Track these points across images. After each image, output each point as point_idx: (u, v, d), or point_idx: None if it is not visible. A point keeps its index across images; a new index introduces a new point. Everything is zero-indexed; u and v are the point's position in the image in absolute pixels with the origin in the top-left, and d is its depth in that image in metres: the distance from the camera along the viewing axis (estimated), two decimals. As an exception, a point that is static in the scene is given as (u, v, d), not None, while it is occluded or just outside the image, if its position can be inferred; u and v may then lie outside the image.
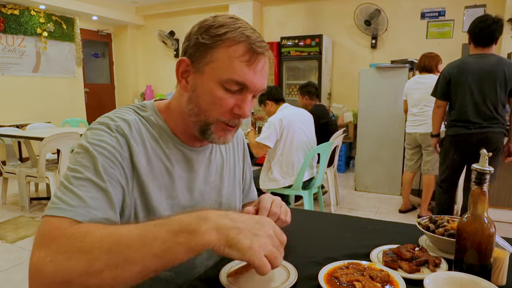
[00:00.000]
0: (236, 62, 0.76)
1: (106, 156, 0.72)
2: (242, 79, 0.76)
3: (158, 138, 0.84)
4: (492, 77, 2.49)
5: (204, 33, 0.77)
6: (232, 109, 0.79)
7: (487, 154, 0.73)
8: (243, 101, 0.79)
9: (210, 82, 0.77)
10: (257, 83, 0.79)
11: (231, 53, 0.76)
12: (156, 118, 0.85)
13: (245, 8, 6.03)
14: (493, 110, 2.52)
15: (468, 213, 0.74)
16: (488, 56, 2.53)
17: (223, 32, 0.76)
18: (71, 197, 0.65)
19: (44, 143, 3.24)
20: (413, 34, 5.20)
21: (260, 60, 0.78)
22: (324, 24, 5.76)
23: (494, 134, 2.54)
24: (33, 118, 5.46)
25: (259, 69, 0.78)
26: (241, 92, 0.79)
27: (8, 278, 2.44)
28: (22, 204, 3.68)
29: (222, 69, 0.76)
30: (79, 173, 0.68)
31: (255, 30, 0.80)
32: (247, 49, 0.76)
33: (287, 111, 2.98)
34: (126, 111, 0.83)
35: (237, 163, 1.04)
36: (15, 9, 5.37)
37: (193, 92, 0.80)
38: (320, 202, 3.51)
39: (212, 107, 0.79)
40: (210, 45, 0.76)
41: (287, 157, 2.91)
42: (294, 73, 5.71)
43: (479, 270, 0.72)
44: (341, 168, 5.32)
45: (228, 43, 0.76)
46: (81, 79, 6.52)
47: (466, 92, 2.58)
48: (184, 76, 0.81)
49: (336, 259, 0.84)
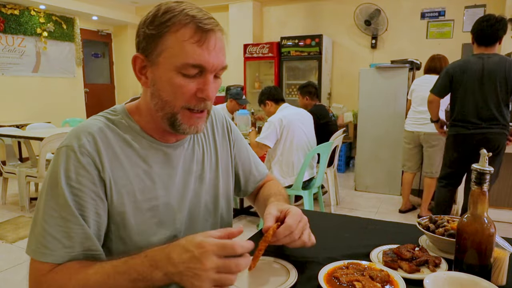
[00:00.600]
0: (187, 45, 0.74)
1: (76, 188, 0.74)
2: (197, 61, 0.75)
3: (131, 141, 0.83)
4: (493, 77, 2.48)
5: (149, 24, 0.76)
6: (195, 93, 0.78)
7: (487, 154, 0.73)
8: (205, 83, 0.77)
9: (167, 71, 0.76)
10: (214, 62, 0.77)
11: (179, 37, 0.74)
12: (127, 120, 0.84)
13: (245, 8, 6.03)
14: (495, 110, 2.51)
15: (468, 213, 0.74)
16: (491, 56, 2.51)
17: (168, 18, 0.75)
18: (50, 240, 0.72)
19: (44, 143, 3.24)
20: (413, 34, 5.20)
21: (211, 38, 0.76)
22: (324, 24, 5.76)
23: (494, 135, 2.53)
24: (33, 118, 5.46)
25: (212, 47, 0.76)
26: (201, 74, 0.77)
27: (8, 278, 2.44)
28: (22, 204, 3.68)
29: (175, 56, 0.75)
30: (54, 212, 0.73)
31: (201, 8, 0.78)
32: (195, 30, 0.74)
33: (287, 111, 2.98)
34: (94, 122, 0.82)
35: (220, 149, 1.01)
36: (15, 9, 5.37)
37: (153, 86, 0.79)
38: (320, 202, 3.51)
39: (174, 96, 0.77)
40: (158, 35, 0.75)
41: (287, 157, 2.91)
42: (294, 73, 5.71)
43: (479, 270, 0.72)
44: (341, 168, 5.32)
45: (174, 28, 0.74)
46: (81, 79, 6.51)
47: (467, 92, 2.57)
48: (142, 73, 0.80)
49: (336, 259, 0.84)
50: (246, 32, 6.03)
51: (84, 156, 0.76)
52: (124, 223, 0.80)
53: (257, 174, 1.12)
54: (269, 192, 1.06)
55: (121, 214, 0.80)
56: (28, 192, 3.69)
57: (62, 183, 0.73)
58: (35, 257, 0.73)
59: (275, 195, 1.02)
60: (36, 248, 0.73)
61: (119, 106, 0.88)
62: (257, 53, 5.72)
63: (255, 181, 1.12)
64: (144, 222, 0.82)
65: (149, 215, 0.83)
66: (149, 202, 0.83)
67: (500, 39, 2.51)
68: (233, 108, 3.96)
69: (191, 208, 0.92)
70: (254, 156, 1.13)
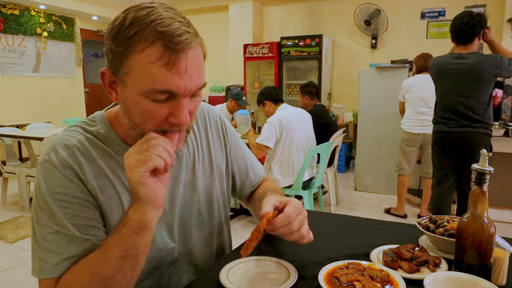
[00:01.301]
0: (154, 68, 0.64)
1: (62, 200, 0.73)
2: (166, 86, 0.65)
3: (111, 152, 0.79)
4: (469, 79, 2.45)
5: (114, 38, 0.67)
6: (167, 118, 0.69)
7: (487, 154, 0.73)
8: (177, 109, 0.68)
9: (134, 94, 0.68)
10: (186, 85, 0.67)
11: (145, 60, 0.64)
12: (106, 130, 0.80)
13: (245, 8, 6.03)
14: (471, 111, 2.47)
15: (468, 213, 0.74)
16: (467, 57, 2.47)
17: (133, 33, 0.64)
18: (52, 256, 0.71)
19: (44, 143, 3.24)
20: (413, 34, 5.20)
21: (182, 59, 0.65)
22: (324, 24, 5.76)
23: (476, 135, 2.48)
24: (33, 118, 5.45)
25: (183, 70, 0.65)
26: (173, 98, 0.68)
27: (8, 278, 2.44)
28: (22, 204, 3.68)
29: (141, 79, 0.66)
30: (48, 228, 0.72)
31: (176, 17, 0.67)
32: (162, 50, 0.64)
33: (286, 111, 2.98)
34: (70, 133, 0.79)
35: (214, 152, 0.97)
36: (15, 9, 5.37)
37: (123, 104, 0.73)
38: (320, 202, 3.51)
39: (143, 120, 0.70)
40: (123, 53, 0.66)
41: (287, 157, 2.91)
42: (294, 73, 5.71)
43: (479, 270, 0.72)
44: (341, 168, 5.32)
45: (140, 47, 0.64)
46: (81, 79, 6.52)
47: (444, 92, 2.59)
48: (113, 88, 0.73)
49: (336, 259, 0.84)
50: (246, 32, 6.03)
51: (66, 169, 0.74)
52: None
53: (253, 178, 1.08)
54: (264, 190, 1.04)
55: (110, 225, 0.78)
56: (28, 192, 3.69)
57: (48, 199, 0.72)
58: (40, 276, 0.72)
59: (271, 191, 0.99)
60: (39, 267, 0.72)
61: (99, 114, 0.84)
62: (257, 53, 5.72)
63: (251, 184, 1.09)
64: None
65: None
66: None
67: (477, 34, 2.46)
68: (232, 108, 3.96)
69: (183, 217, 0.89)
70: (251, 158, 1.10)
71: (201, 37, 0.70)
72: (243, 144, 1.09)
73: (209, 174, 0.95)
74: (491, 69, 2.41)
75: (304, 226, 0.80)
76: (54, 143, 0.77)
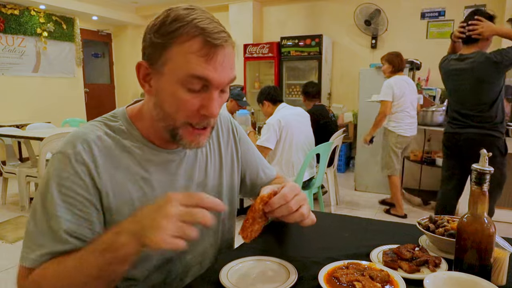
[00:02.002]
0: (193, 58, 0.70)
1: (66, 195, 0.73)
2: (202, 74, 0.71)
3: (130, 148, 0.81)
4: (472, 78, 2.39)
5: (156, 32, 0.72)
6: (199, 110, 0.74)
7: (487, 154, 0.73)
8: (209, 100, 0.73)
9: (170, 83, 0.73)
10: (220, 78, 0.72)
11: (186, 49, 0.70)
12: (127, 126, 0.82)
13: (245, 8, 6.03)
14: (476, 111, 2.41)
15: (468, 213, 0.74)
16: (470, 56, 2.39)
17: (176, 28, 0.70)
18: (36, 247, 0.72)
19: (44, 143, 3.24)
20: (413, 34, 5.20)
21: (219, 53, 0.71)
22: (324, 24, 5.76)
23: (478, 136, 2.40)
24: (33, 118, 5.45)
25: (220, 63, 0.72)
26: (206, 90, 0.73)
27: (8, 278, 2.44)
28: (22, 204, 3.68)
29: (180, 67, 0.71)
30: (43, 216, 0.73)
31: (213, 19, 0.74)
32: (203, 44, 0.70)
33: (284, 112, 2.98)
34: (92, 128, 0.80)
35: (225, 156, 0.99)
36: (15, 9, 5.37)
37: (157, 96, 0.76)
38: (320, 202, 3.51)
39: (176, 110, 0.74)
40: (164, 44, 0.71)
41: (287, 157, 2.91)
42: (294, 73, 5.71)
43: (479, 270, 0.72)
44: (341, 168, 5.32)
45: (181, 40, 0.70)
46: (81, 79, 6.52)
47: (451, 92, 2.57)
48: (146, 80, 0.77)
49: (336, 259, 0.84)
50: (246, 32, 6.03)
51: (79, 164, 0.75)
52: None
53: (264, 178, 1.10)
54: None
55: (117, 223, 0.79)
56: (28, 192, 3.70)
57: (53, 189, 0.73)
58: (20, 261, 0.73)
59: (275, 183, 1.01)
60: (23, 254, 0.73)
61: (120, 110, 0.86)
62: (257, 53, 5.72)
63: (262, 184, 1.09)
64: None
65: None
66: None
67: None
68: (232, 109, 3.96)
69: None
70: (261, 159, 1.12)
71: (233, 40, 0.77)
72: (253, 146, 1.11)
73: (219, 175, 0.98)
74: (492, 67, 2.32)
75: (304, 206, 0.79)
76: (74, 137, 0.78)
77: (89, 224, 0.75)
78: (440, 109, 3.80)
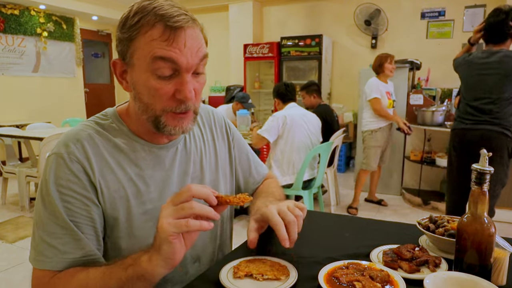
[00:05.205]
0: (156, 43, 0.72)
1: (66, 194, 0.75)
2: (165, 55, 0.71)
3: (121, 146, 0.82)
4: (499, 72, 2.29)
5: (122, 27, 0.75)
6: (174, 95, 0.75)
7: (487, 154, 0.73)
8: (182, 84, 0.74)
9: (141, 73, 0.75)
10: (187, 59, 0.73)
11: (148, 38, 0.72)
12: (117, 124, 0.84)
13: (245, 8, 6.03)
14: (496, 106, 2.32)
15: (468, 213, 0.74)
16: (496, 52, 2.30)
17: (137, 20, 0.73)
18: (46, 248, 0.74)
19: (44, 143, 3.24)
20: (413, 34, 5.20)
21: (180, 35, 0.72)
22: (324, 24, 5.76)
23: (491, 133, 2.33)
24: (33, 118, 5.46)
25: (182, 45, 0.72)
26: (178, 75, 0.74)
27: (8, 278, 2.44)
28: (22, 204, 3.68)
29: (146, 55, 0.73)
30: (47, 219, 0.75)
31: (175, 4, 0.75)
32: (163, 28, 0.71)
33: (293, 111, 2.99)
34: (83, 128, 0.82)
35: (220, 151, 1.01)
36: (15, 9, 5.36)
37: (134, 89, 0.78)
38: (320, 202, 3.51)
39: (153, 99, 0.76)
40: (129, 38, 0.74)
41: (288, 156, 2.91)
42: (294, 73, 5.71)
43: (479, 270, 0.72)
44: (341, 168, 5.32)
45: (144, 30, 0.72)
46: (81, 79, 6.52)
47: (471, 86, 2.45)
48: (123, 77, 0.80)
49: (336, 259, 0.84)
50: (246, 32, 6.03)
51: (73, 163, 0.76)
52: (118, 228, 0.81)
53: (256, 176, 1.12)
54: (261, 191, 1.07)
55: (115, 220, 0.80)
56: (28, 192, 3.70)
57: (52, 190, 0.74)
58: (35, 265, 0.75)
59: (265, 195, 1.00)
60: (35, 257, 0.75)
61: (111, 109, 0.88)
62: (257, 53, 5.72)
63: (254, 182, 1.12)
64: (139, 227, 0.82)
65: (144, 218, 0.83)
66: (143, 206, 0.83)
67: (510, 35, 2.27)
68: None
69: None
70: (254, 156, 1.14)
71: (201, 24, 0.78)
72: (246, 144, 1.13)
73: (215, 170, 0.99)
74: None
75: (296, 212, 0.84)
76: (66, 137, 0.80)
77: (90, 221, 0.77)
78: (440, 109, 3.80)
